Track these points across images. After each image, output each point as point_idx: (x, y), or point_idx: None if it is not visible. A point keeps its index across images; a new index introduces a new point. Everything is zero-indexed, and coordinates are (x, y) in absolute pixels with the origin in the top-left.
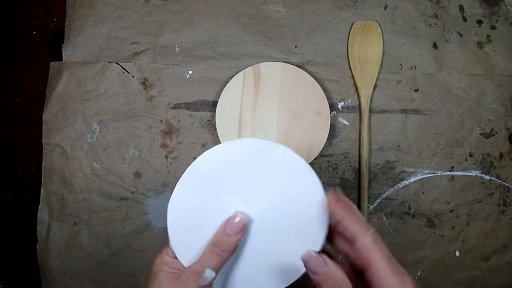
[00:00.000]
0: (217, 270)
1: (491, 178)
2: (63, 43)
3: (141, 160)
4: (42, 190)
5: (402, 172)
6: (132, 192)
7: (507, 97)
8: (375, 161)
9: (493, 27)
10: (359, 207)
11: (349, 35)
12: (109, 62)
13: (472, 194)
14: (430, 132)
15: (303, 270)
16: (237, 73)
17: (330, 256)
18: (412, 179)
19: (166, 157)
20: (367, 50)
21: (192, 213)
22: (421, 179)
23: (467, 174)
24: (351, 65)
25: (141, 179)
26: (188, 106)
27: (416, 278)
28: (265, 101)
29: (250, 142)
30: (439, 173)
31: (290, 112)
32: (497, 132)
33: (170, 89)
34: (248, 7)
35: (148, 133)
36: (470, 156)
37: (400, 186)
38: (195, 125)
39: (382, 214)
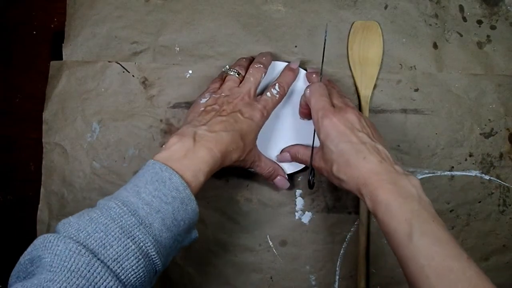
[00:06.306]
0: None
1: (491, 178)
2: (63, 43)
3: (141, 159)
4: (42, 189)
5: None
6: None
7: (507, 97)
8: None
9: (493, 27)
10: (359, 207)
11: (349, 35)
12: (109, 62)
13: (472, 194)
14: (430, 132)
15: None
16: None
17: None
18: None
19: None
20: (367, 50)
21: None
22: (421, 179)
23: (467, 174)
24: (351, 65)
25: None
26: (188, 105)
27: None
28: None
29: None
30: (438, 173)
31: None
32: (497, 132)
33: (170, 88)
34: (248, 7)
35: (148, 133)
36: (470, 156)
37: None
38: None
39: None
